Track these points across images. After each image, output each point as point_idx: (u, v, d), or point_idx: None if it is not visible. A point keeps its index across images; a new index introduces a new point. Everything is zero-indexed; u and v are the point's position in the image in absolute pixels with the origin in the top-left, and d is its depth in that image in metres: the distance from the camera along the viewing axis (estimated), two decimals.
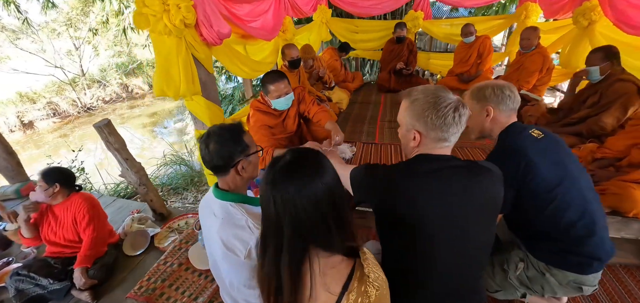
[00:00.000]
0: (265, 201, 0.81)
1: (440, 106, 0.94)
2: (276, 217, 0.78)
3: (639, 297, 1.53)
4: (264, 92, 2.02)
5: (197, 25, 1.80)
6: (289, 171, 0.79)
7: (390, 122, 3.28)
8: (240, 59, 2.39)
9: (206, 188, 3.94)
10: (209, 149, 1.08)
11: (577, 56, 3.15)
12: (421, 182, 0.95)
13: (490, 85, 1.30)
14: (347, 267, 0.79)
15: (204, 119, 1.98)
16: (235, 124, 1.15)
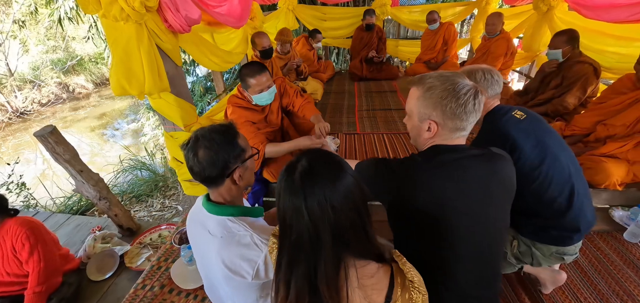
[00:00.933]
0: (293, 216, 0.70)
1: (460, 93, 0.89)
2: (312, 229, 0.68)
3: (613, 259, 1.64)
4: (243, 86, 1.80)
5: (161, 10, 1.55)
6: (315, 173, 0.70)
7: (368, 111, 3.25)
8: (209, 49, 2.14)
9: (174, 193, 3.62)
10: (198, 157, 0.90)
11: (538, 40, 3.34)
12: (443, 173, 0.91)
13: (480, 69, 1.29)
14: (385, 274, 0.73)
15: (175, 119, 1.74)
16: (226, 125, 0.97)
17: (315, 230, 0.69)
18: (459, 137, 0.96)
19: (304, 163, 0.72)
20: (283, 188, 0.72)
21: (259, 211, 1.03)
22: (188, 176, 1.93)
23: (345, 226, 0.70)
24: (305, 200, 0.68)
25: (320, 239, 0.69)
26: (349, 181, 0.71)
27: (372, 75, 4.37)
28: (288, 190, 0.71)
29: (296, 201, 0.69)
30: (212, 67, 2.23)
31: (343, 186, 0.69)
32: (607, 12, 2.34)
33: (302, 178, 0.70)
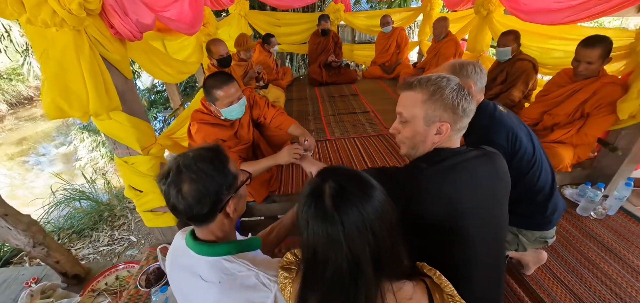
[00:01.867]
0: (327, 248, 0.61)
1: (464, 91, 0.89)
2: (352, 259, 0.60)
3: (573, 233, 1.80)
4: (210, 100, 1.62)
5: (105, 13, 1.31)
6: (348, 193, 0.62)
7: (335, 116, 3.22)
8: (162, 58, 1.90)
9: (124, 222, 3.18)
10: (183, 193, 0.74)
11: (480, 41, 3.64)
12: (453, 177, 0.88)
13: (471, 63, 1.29)
14: (423, 293, 0.68)
15: (130, 142, 1.49)
16: (213, 148, 0.82)
17: (355, 259, 0.61)
18: (459, 138, 0.96)
19: (331, 184, 0.63)
20: (311, 216, 0.62)
21: (256, 242, 0.90)
22: (149, 206, 1.67)
23: (383, 248, 0.63)
24: (342, 226, 0.59)
25: (361, 269, 0.61)
26: (381, 197, 0.64)
27: (332, 79, 4.38)
28: (319, 218, 0.61)
29: (331, 229, 0.60)
30: (165, 79, 1.99)
31: (378, 203, 0.63)
32: (542, 16, 2.62)
33: (334, 202, 0.61)
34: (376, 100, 3.65)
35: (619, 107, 1.91)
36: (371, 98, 3.72)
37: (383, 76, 4.63)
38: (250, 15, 4.36)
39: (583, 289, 1.47)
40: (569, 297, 1.44)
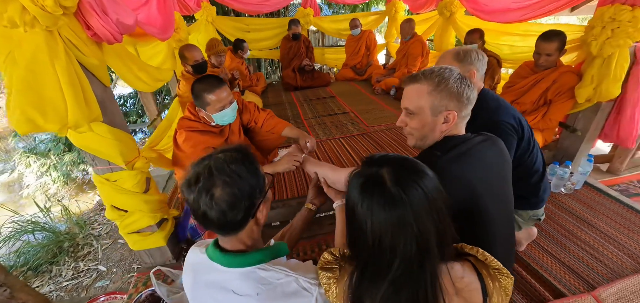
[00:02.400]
0: (396, 234, 0.60)
1: (467, 80, 0.94)
2: (421, 240, 0.60)
3: (550, 208, 1.94)
4: (199, 105, 1.54)
5: (80, 12, 1.17)
6: (408, 176, 0.62)
7: (316, 119, 3.22)
8: (138, 65, 1.73)
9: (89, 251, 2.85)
10: (216, 198, 0.68)
11: (446, 40, 3.88)
12: (468, 162, 0.92)
13: (474, 49, 1.34)
14: (471, 270, 0.69)
15: (112, 157, 1.33)
16: (242, 148, 0.77)
17: (424, 241, 0.60)
18: (464, 125, 1.01)
19: (389, 169, 0.63)
20: (376, 205, 0.60)
21: (284, 247, 0.84)
22: (135, 227, 1.51)
23: (446, 226, 0.64)
24: (411, 208, 0.59)
25: (429, 251, 0.61)
26: (433, 175, 0.65)
27: (307, 83, 4.38)
28: (387, 204, 0.60)
29: (401, 212, 0.59)
30: (141, 88, 1.82)
31: (435, 182, 0.64)
32: (502, 15, 2.87)
33: (398, 184, 0.60)
34: (353, 101, 3.70)
35: (577, 92, 2.14)
36: (348, 99, 3.78)
37: (355, 77, 4.74)
38: (217, 21, 4.21)
39: (568, 256, 1.61)
40: (557, 266, 1.56)
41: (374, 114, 3.26)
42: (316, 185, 1.32)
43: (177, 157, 1.68)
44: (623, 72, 2.01)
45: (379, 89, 4.01)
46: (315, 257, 1.62)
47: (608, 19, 1.94)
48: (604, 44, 1.99)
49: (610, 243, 1.68)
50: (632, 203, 1.94)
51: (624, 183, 2.31)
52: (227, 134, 1.70)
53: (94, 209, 3.47)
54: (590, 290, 1.41)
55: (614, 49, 1.97)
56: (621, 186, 2.27)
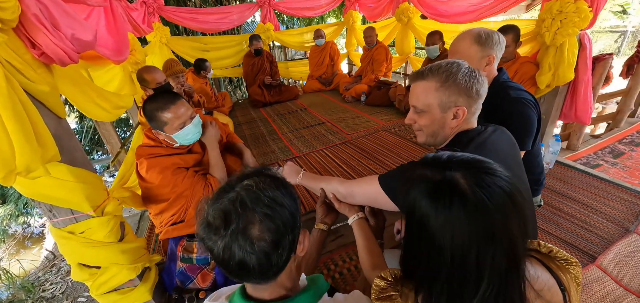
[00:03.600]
0: (486, 246, 0.51)
1: (475, 73, 0.90)
2: (511, 251, 0.52)
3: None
4: (156, 127, 1.34)
5: (22, 28, 0.94)
6: (485, 179, 0.54)
7: (293, 132, 3.09)
8: (96, 91, 1.47)
9: None
10: (255, 238, 0.53)
11: (407, 44, 4.04)
12: (487, 154, 0.87)
13: (496, 32, 1.26)
14: (541, 268, 0.63)
15: (76, 203, 1.07)
16: (263, 169, 0.63)
17: (513, 250, 0.52)
18: (475, 119, 0.98)
19: (464, 174, 0.54)
20: (456, 218, 0.51)
21: (322, 281, 0.71)
22: (113, 284, 1.23)
23: (527, 227, 0.56)
24: (499, 214, 0.51)
25: (518, 261, 0.53)
26: (503, 170, 0.57)
27: (275, 98, 4.25)
28: (469, 215, 0.51)
29: (487, 221, 0.51)
30: (101, 117, 1.54)
31: (508, 177, 0.55)
32: (459, 17, 3.06)
33: (479, 189, 0.51)
34: (326, 111, 3.66)
35: (538, 79, 2.32)
36: (320, 110, 3.72)
37: (322, 88, 4.72)
38: (172, 42, 3.92)
39: (564, 233, 1.68)
40: (558, 243, 1.62)
41: (350, 121, 3.23)
42: (324, 203, 1.18)
43: (146, 191, 1.44)
44: (574, 58, 2.21)
45: (350, 96, 4.02)
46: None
47: (556, 12, 2.13)
48: (555, 34, 2.18)
49: (594, 212, 1.79)
50: (599, 174, 2.12)
51: (584, 156, 2.54)
52: (202, 154, 1.53)
53: (42, 267, 2.91)
54: (592, 261, 1.48)
55: (565, 38, 2.17)
56: (583, 159, 2.50)
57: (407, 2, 3.84)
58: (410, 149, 2.47)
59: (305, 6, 4.75)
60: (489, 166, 0.56)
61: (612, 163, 2.38)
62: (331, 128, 3.09)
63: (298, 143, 2.82)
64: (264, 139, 3.00)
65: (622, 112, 3.29)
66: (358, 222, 1.07)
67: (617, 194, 1.93)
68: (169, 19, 3.94)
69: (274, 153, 2.66)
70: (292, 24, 7.42)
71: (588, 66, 2.26)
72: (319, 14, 5.28)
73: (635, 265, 1.42)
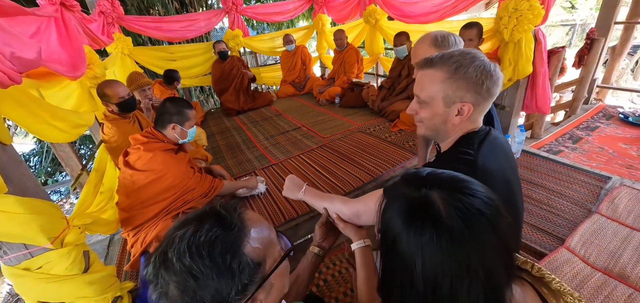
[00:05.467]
0: (460, 278, 0.47)
1: (490, 68, 0.80)
2: (488, 285, 0.48)
3: None
4: (179, 121, 1.60)
5: None
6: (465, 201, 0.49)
7: (269, 139, 3.03)
8: (50, 111, 1.35)
9: None
10: (169, 298, 0.49)
11: (376, 45, 4.11)
12: (496, 154, 0.84)
13: (452, 34, 1.27)
14: (532, 295, 0.60)
15: (30, 237, 0.97)
16: (221, 217, 0.54)
17: (492, 284, 0.48)
18: (481, 119, 0.89)
19: (441, 194, 0.50)
20: (429, 243, 0.47)
21: None
22: None
23: (511, 255, 0.54)
24: (477, 245, 0.47)
25: (498, 294, 0.50)
26: (486, 190, 0.53)
27: (249, 105, 4.16)
28: (442, 242, 0.47)
29: (463, 252, 0.47)
30: (57, 138, 1.42)
31: (494, 199, 0.51)
32: (424, 17, 3.16)
33: (457, 214, 0.47)
34: (301, 115, 3.63)
35: None
36: (295, 114, 3.69)
37: (296, 92, 4.69)
38: (136, 53, 3.73)
39: (534, 219, 1.77)
40: (530, 230, 1.70)
41: (326, 124, 3.23)
42: (325, 224, 1.05)
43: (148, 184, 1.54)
44: (531, 52, 2.35)
45: (324, 100, 4.03)
46: (311, 289, 1.46)
47: (512, 9, 2.26)
48: (512, 31, 2.30)
49: (559, 196, 1.91)
50: (561, 159, 2.26)
51: (546, 144, 2.70)
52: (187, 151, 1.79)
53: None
54: (561, 243, 1.56)
55: (521, 34, 2.30)
56: (546, 146, 2.65)
57: (374, 5, 3.92)
58: (386, 149, 2.51)
59: (273, 11, 4.71)
60: (470, 187, 0.52)
61: (572, 148, 2.55)
62: (307, 133, 3.07)
63: (274, 150, 2.77)
64: (239, 148, 2.92)
65: (577, 100, 3.55)
66: (362, 250, 0.95)
67: (578, 177, 2.06)
68: (131, 28, 3.74)
69: (250, 162, 2.60)
70: (262, 29, 7.34)
71: (544, 59, 2.41)
72: (287, 19, 5.24)
73: (599, 244, 1.52)
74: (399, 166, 2.22)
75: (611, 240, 1.54)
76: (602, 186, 1.94)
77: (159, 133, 1.62)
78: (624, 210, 1.72)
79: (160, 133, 1.62)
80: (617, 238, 1.55)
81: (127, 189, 1.54)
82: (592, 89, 3.71)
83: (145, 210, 1.54)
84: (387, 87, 3.52)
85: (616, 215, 1.69)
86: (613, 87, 4.13)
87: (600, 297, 1.28)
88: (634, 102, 6.45)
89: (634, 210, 1.71)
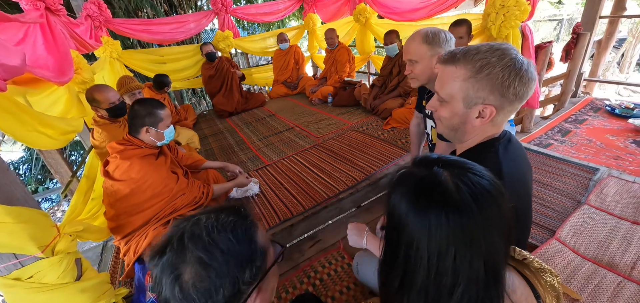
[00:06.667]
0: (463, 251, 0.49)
1: (522, 69, 0.72)
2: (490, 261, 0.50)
3: None
4: (152, 123, 1.51)
5: None
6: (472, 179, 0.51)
7: (262, 140, 3.03)
8: (38, 118, 1.32)
9: None
10: (183, 282, 0.48)
11: (366, 43, 4.14)
12: (519, 158, 0.83)
13: (443, 31, 1.27)
14: (519, 279, 0.63)
15: (19, 246, 0.95)
16: (238, 210, 0.57)
17: (493, 260, 0.51)
18: (505, 122, 0.83)
19: (450, 172, 0.52)
20: (435, 216, 0.49)
21: None
22: None
23: (511, 240, 0.57)
24: (482, 217, 0.49)
25: (498, 272, 0.52)
26: (495, 179, 0.56)
27: (242, 107, 4.14)
28: (449, 214, 0.49)
29: (468, 223, 0.49)
30: (45, 145, 1.39)
31: (501, 187, 0.54)
32: (411, 14, 3.18)
33: (464, 188, 0.49)
34: (294, 115, 3.63)
35: None
36: (288, 114, 3.69)
37: (289, 92, 4.69)
38: (125, 57, 3.68)
39: None
40: None
41: (318, 124, 3.23)
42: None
43: (130, 194, 1.46)
44: (518, 48, 2.39)
45: (316, 99, 4.03)
46: (307, 288, 1.46)
47: (499, 6, 2.29)
48: (500, 27, 2.34)
49: (549, 189, 1.94)
50: (551, 152, 2.30)
51: (536, 137, 2.74)
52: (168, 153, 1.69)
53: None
54: (551, 235, 1.59)
55: (509, 30, 2.34)
56: (536, 140, 2.69)
57: (363, 3, 3.93)
58: (379, 147, 2.52)
59: (263, 12, 4.70)
60: (477, 169, 0.54)
61: (561, 141, 2.60)
62: (300, 133, 3.07)
63: (268, 151, 2.76)
64: (232, 150, 2.91)
65: (565, 93, 3.61)
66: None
67: (567, 169, 2.10)
68: (119, 32, 3.69)
69: (244, 163, 2.59)
70: (253, 30, 7.30)
71: (531, 54, 2.45)
72: (278, 19, 5.23)
73: (588, 234, 1.56)
74: (392, 164, 2.24)
75: (600, 230, 1.57)
76: (591, 178, 1.98)
77: (136, 138, 1.53)
78: (611, 200, 1.76)
79: (136, 139, 1.53)
80: (606, 228, 1.58)
81: (110, 199, 1.48)
82: (579, 83, 3.78)
83: (132, 218, 1.48)
84: (378, 85, 3.54)
85: (604, 206, 1.73)
86: (600, 80, 4.21)
87: (590, 285, 1.31)
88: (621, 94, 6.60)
89: (622, 200, 1.76)
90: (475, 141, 0.83)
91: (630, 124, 2.69)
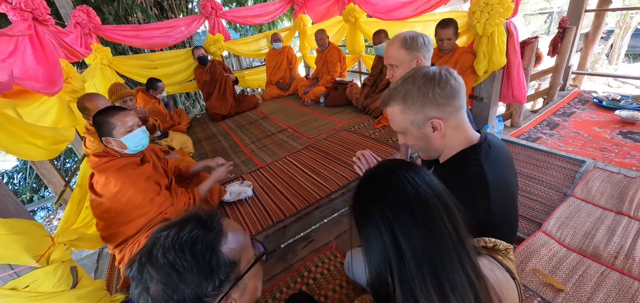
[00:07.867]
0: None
1: (435, 77, 0.82)
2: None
3: None
4: (106, 133, 1.43)
5: None
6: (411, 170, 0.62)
7: (255, 143, 3.05)
8: (28, 129, 1.33)
9: None
10: (151, 295, 0.53)
11: (356, 43, 4.17)
12: (500, 163, 0.87)
13: (420, 35, 1.32)
14: (496, 265, 0.70)
15: (14, 257, 0.96)
16: (200, 218, 0.59)
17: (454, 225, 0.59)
18: (463, 115, 0.88)
19: (387, 171, 0.64)
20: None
21: None
22: None
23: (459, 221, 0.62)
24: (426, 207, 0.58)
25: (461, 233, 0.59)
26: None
27: (235, 110, 4.15)
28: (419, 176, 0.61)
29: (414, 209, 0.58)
30: (36, 156, 1.40)
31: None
32: (398, 12, 3.20)
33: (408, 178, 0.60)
34: (287, 117, 3.65)
35: (476, 67, 2.51)
36: (281, 116, 3.71)
37: (282, 93, 4.71)
38: (116, 63, 3.67)
39: None
40: None
41: (311, 125, 3.26)
42: None
43: (114, 210, 1.43)
44: (504, 45, 2.43)
45: (309, 100, 4.06)
46: (300, 288, 1.49)
47: (483, 4, 2.32)
48: (485, 24, 2.37)
49: (536, 182, 1.99)
50: (539, 146, 2.35)
51: (525, 131, 2.79)
52: (149, 160, 1.61)
53: None
54: (538, 227, 1.63)
55: (494, 27, 2.37)
56: (525, 134, 2.75)
57: (352, 3, 3.96)
58: (371, 146, 2.56)
59: (253, 14, 4.71)
60: (417, 167, 0.63)
61: (549, 135, 2.65)
62: (293, 134, 3.09)
63: (261, 153, 2.79)
64: (226, 153, 2.92)
65: (554, 87, 3.67)
66: None
67: (555, 162, 2.15)
68: (109, 38, 3.68)
69: (237, 166, 2.61)
70: (245, 31, 7.30)
71: (517, 50, 2.49)
72: (268, 21, 5.24)
73: (574, 226, 1.60)
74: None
75: (585, 221, 1.62)
76: (577, 170, 2.03)
77: (111, 149, 1.48)
78: (597, 191, 1.81)
79: (111, 149, 1.47)
80: (591, 219, 1.63)
81: (96, 211, 1.47)
82: (567, 76, 3.84)
83: (123, 227, 1.46)
84: (369, 84, 3.58)
85: (590, 197, 1.78)
86: (588, 73, 4.29)
87: (575, 276, 1.35)
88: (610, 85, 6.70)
89: (606, 191, 1.80)
90: (454, 150, 0.89)
91: (616, 116, 2.75)
